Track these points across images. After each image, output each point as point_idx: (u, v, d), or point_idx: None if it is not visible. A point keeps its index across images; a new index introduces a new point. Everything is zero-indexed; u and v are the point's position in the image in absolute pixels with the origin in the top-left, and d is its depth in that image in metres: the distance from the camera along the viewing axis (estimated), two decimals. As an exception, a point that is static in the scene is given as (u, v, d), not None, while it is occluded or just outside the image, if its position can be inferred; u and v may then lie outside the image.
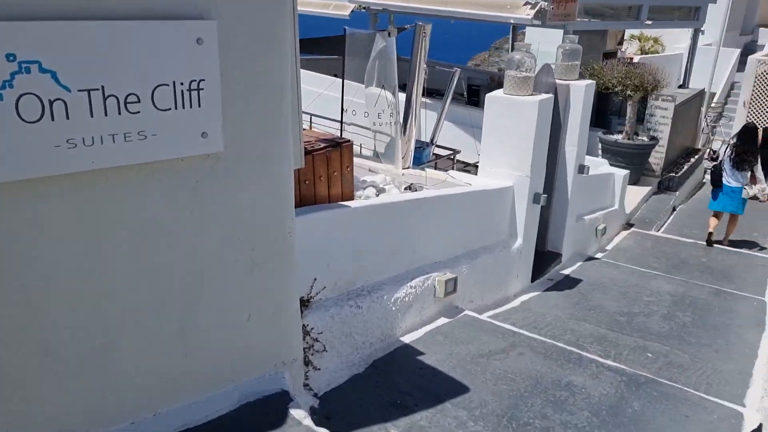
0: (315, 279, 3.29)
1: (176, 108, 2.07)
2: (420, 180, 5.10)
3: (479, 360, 3.73)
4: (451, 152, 10.50)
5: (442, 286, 4.18)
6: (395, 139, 5.41)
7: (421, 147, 7.79)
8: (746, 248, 8.24)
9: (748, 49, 18.37)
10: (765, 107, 15.03)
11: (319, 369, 3.08)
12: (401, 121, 5.59)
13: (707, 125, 13.24)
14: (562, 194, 6.25)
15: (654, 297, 5.68)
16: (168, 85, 2.03)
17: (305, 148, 3.40)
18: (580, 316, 5.12)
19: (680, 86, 11.65)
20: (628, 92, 9.20)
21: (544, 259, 6.16)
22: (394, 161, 5.23)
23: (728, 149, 7.97)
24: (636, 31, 17.32)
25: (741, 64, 17.81)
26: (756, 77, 15.03)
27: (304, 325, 3.05)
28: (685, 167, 10.54)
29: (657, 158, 9.96)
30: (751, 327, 5.19)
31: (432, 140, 9.37)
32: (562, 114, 5.97)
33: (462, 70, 10.74)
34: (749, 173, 7.79)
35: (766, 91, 14.98)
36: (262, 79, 2.30)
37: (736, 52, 17.52)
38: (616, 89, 9.20)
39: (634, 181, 9.65)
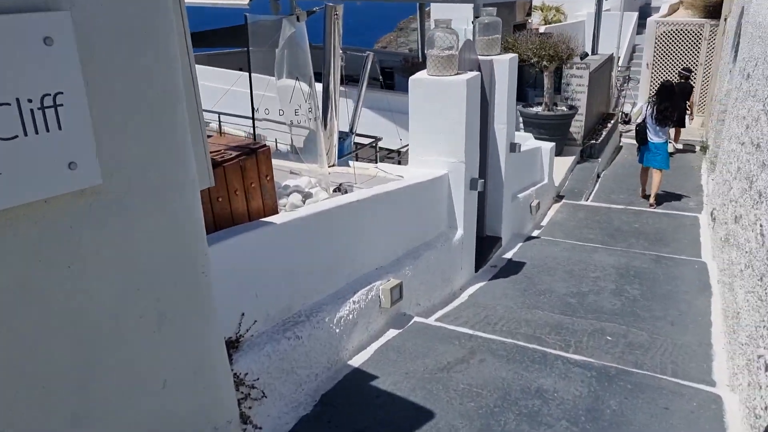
0: (243, 314, 2.79)
1: (25, 134, 1.52)
2: (348, 178, 4.65)
3: (439, 375, 3.35)
4: (373, 140, 10.09)
5: (387, 296, 3.77)
6: (316, 135, 4.92)
7: (341, 138, 7.33)
8: (674, 202, 8.35)
9: (644, 12, 18.97)
10: (667, 67, 15.51)
11: (260, 428, 2.59)
12: (320, 114, 5.09)
13: (617, 89, 13.47)
14: (496, 176, 5.97)
15: (599, 272, 5.51)
16: (8, 104, 1.48)
17: (214, 159, 2.88)
18: (532, 303, 4.86)
19: (582, 56, 11.71)
20: (544, 63, 9.08)
21: (484, 245, 5.87)
22: (317, 159, 4.74)
23: (649, 107, 8.28)
24: (537, 1, 17.49)
25: (639, 27, 18.39)
26: (656, 38, 15.48)
27: (235, 374, 2.55)
28: (604, 133, 10.61)
29: (577, 127, 9.94)
30: (697, 292, 5.10)
31: (351, 129, 8.91)
32: (488, 91, 5.66)
33: (374, 53, 10.33)
34: (671, 128, 8.17)
35: (666, 52, 15.46)
36: (145, 85, 1.77)
37: (635, 16, 18.01)
38: (532, 61, 9.06)
39: (557, 152, 9.56)
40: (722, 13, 12.97)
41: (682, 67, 12.62)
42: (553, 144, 7.94)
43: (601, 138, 10.40)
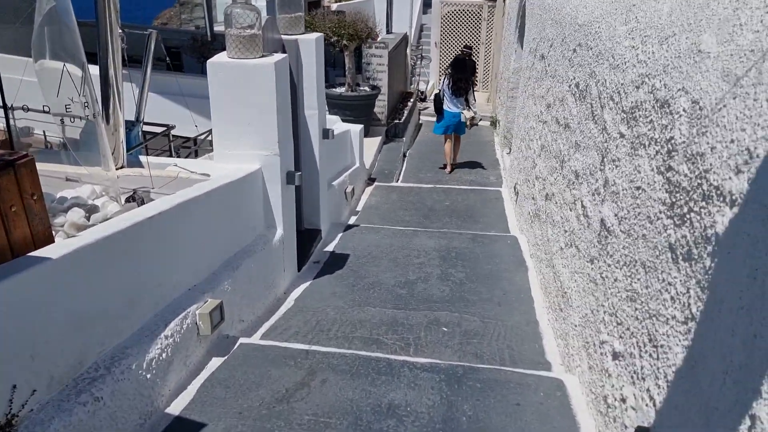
0: (14, 387, 2.08)
1: None
2: (143, 182, 3.91)
3: (279, 408, 2.91)
4: (165, 128, 9.10)
5: (206, 321, 3.21)
6: (97, 130, 4.07)
7: (127, 128, 6.39)
8: (476, 177, 8.73)
9: (427, -8, 19.81)
10: (454, 45, 16.34)
11: None
12: (100, 105, 4.23)
13: (412, 68, 13.83)
14: (311, 165, 5.59)
15: (423, 257, 5.45)
16: None
17: (-53, 182, 2.10)
18: (362, 299, 4.60)
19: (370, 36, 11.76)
20: (344, 42, 8.85)
21: (304, 239, 5.49)
22: (100, 161, 3.92)
23: (445, 79, 8.83)
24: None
25: (425, 7, 19.15)
26: (441, 18, 16.20)
27: (10, 478, 1.87)
28: (405, 112, 10.78)
29: (381, 107, 9.94)
30: (515, 269, 5.27)
31: (138, 118, 7.90)
32: (296, 75, 5.22)
33: (157, 31, 9.25)
34: (465, 99, 8.77)
35: (451, 31, 16.27)
36: None
37: (420, -5, 18.65)
38: (332, 40, 8.77)
39: (364, 133, 9.48)
40: (499, -5, 13.94)
41: (463, 45, 13.39)
42: (361, 126, 7.77)
43: (404, 117, 10.54)
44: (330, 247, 5.71)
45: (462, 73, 8.69)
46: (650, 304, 2.18)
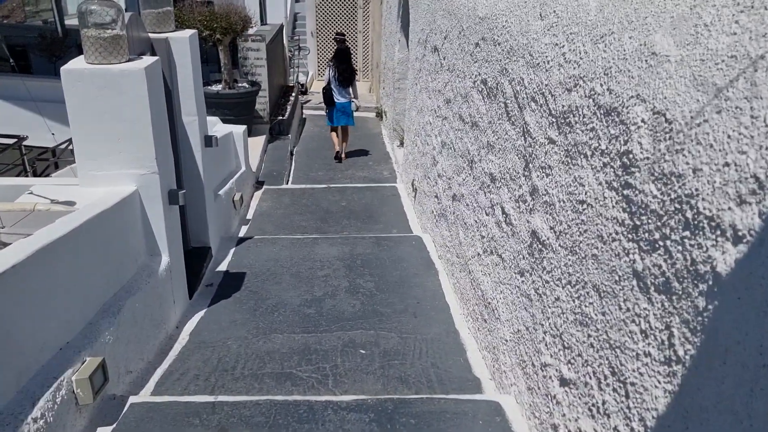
0: None
1: None
2: (-11, 219, 3.22)
3: (188, 486, 2.45)
4: (16, 140, 8.00)
5: (86, 387, 2.66)
6: None
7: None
8: (369, 172, 8.44)
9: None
10: (331, 34, 15.94)
11: None
12: None
13: (290, 59, 13.29)
14: (194, 177, 5.02)
15: (327, 268, 5.09)
16: None
17: None
18: (267, 325, 4.16)
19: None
20: (217, 36, 8.20)
21: (193, 260, 4.93)
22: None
23: (331, 71, 8.94)
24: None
25: (296, -4, 18.55)
26: (316, 7, 15.73)
27: None
28: (288, 108, 10.28)
29: (262, 104, 9.38)
30: (425, 272, 5.05)
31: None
32: (169, 78, 4.63)
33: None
34: (351, 88, 9.04)
35: (327, 19, 15.86)
36: None
37: (291, -16, 18.03)
38: (203, 34, 8.08)
39: (247, 133, 8.89)
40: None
41: (336, 32, 13.14)
42: (245, 127, 7.22)
43: (287, 113, 10.04)
44: (223, 266, 5.19)
45: (345, 64, 8.90)
46: (610, 333, 1.98)
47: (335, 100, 8.96)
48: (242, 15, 8.30)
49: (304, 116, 12.01)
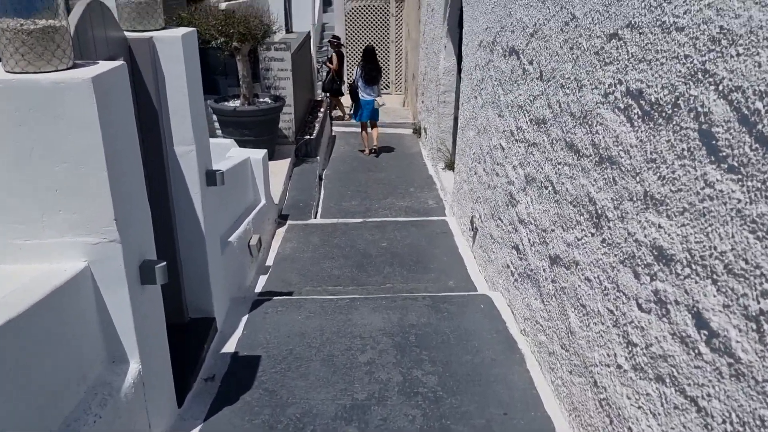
0: None
1: None
2: None
3: None
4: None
5: None
6: None
7: None
8: (411, 200, 7.02)
9: (326, -11, 18.01)
10: (361, 44, 14.64)
11: None
12: None
13: (319, 71, 11.99)
14: (191, 226, 3.67)
15: (371, 350, 3.67)
16: None
17: None
18: (287, 457, 2.76)
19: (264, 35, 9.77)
20: (234, 44, 6.90)
21: (188, 340, 3.58)
22: None
23: (358, 69, 9.22)
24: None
25: (324, 5, 17.35)
26: (346, 16, 14.46)
27: None
28: (317, 125, 8.94)
29: (287, 121, 8.05)
30: (505, 356, 3.61)
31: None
32: (154, 93, 3.28)
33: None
34: (377, 86, 9.28)
35: (357, 29, 14.57)
36: None
37: (319, -8, 16.83)
38: (218, 42, 6.80)
39: (269, 156, 7.57)
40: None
41: (332, 35, 12.09)
42: (265, 152, 5.87)
43: (315, 131, 8.70)
44: (231, 345, 3.80)
45: (372, 63, 9.15)
46: None
47: (360, 97, 9.13)
48: (263, 19, 6.99)
49: (333, 133, 10.67)
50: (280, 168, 7.42)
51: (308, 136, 8.37)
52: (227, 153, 5.72)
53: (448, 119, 7.89)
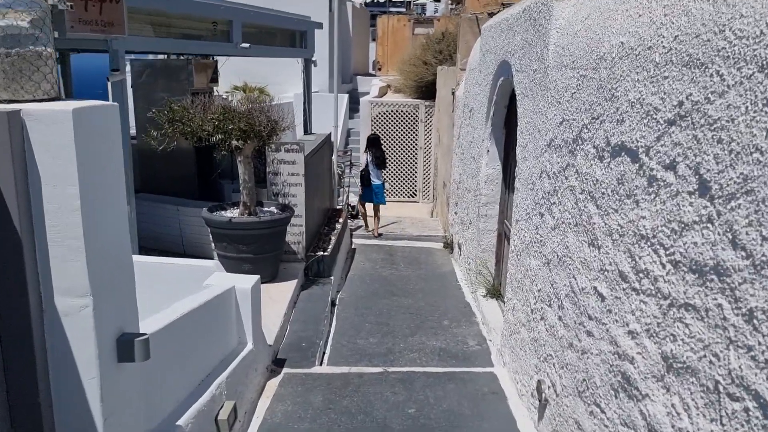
0: None
1: None
2: None
3: None
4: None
5: None
6: None
7: None
8: (446, 337, 5.32)
9: (353, 96, 17.33)
10: (387, 149, 13.56)
11: None
12: None
13: (340, 177, 10.76)
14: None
15: None
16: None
17: None
18: None
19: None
20: (234, 142, 5.61)
21: None
22: None
23: (369, 156, 9.80)
24: (239, 81, 14.40)
25: (351, 112, 16.58)
26: (372, 120, 13.50)
27: None
28: (333, 239, 7.49)
29: (296, 234, 6.61)
30: None
31: None
32: (13, 205, 1.82)
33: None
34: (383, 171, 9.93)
35: (384, 134, 13.53)
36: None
37: (345, 98, 16.12)
38: (215, 138, 5.51)
39: (269, 277, 6.07)
40: (439, 88, 11.34)
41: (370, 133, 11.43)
42: (256, 279, 4.33)
43: (330, 245, 7.22)
44: None
45: (380, 149, 9.98)
46: None
47: (372, 181, 9.74)
48: (270, 115, 5.74)
49: (353, 246, 9.20)
50: (282, 292, 5.87)
51: (322, 252, 6.88)
52: (206, 280, 4.21)
53: (490, 236, 6.37)
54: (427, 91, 13.36)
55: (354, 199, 11.53)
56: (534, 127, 4.05)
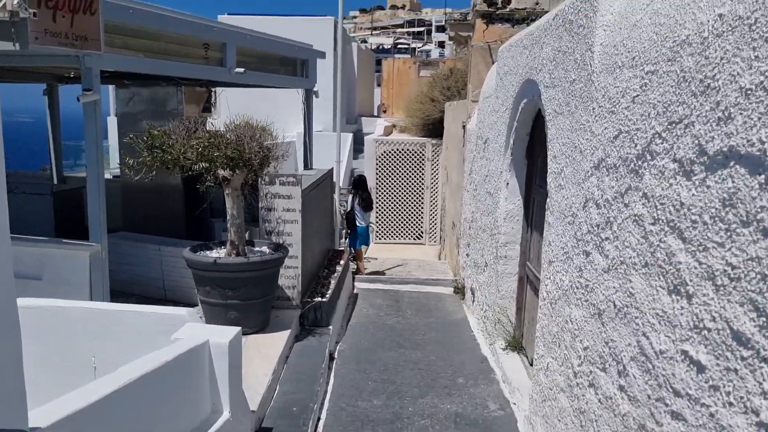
0: None
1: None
2: None
3: None
4: None
5: None
6: None
7: None
8: (462, 400, 4.47)
9: (357, 137, 16.80)
10: (392, 189, 12.89)
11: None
12: None
13: (343, 217, 10.04)
14: None
15: None
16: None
17: None
18: None
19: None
20: (221, 172, 4.91)
21: None
22: None
23: (354, 198, 9.39)
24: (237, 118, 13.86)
25: (355, 152, 16.02)
26: (377, 159, 12.88)
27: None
28: (332, 282, 6.71)
29: (291, 278, 5.84)
30: None
31: None
32: None
33: None
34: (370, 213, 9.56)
35: (389, 173, 12.89)
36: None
37: (350, 137, 15.60)
38: (199, 167, 4.80)
39: (258, 327, 5.28)
40: (447, 125, 10.73)
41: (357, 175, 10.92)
42: (236, 331, 3.52)
43: (329, 290, 6.44)
44: None
45: (366, 191, 9.50)
46: None
47: (358, 224, 9.25)
48: (262, 141, 5.05)
49: (355, 290, 8.41)
50: (273, 345, 5.07)
51: (320, 298, 6.09)
52: (175, 333, 3.43)
53: (510, 280, 5.59)
54: (434, 129, 12.80)
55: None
56: (573, 148, 3.33)
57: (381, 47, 47.78)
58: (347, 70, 19.68)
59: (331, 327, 5.97)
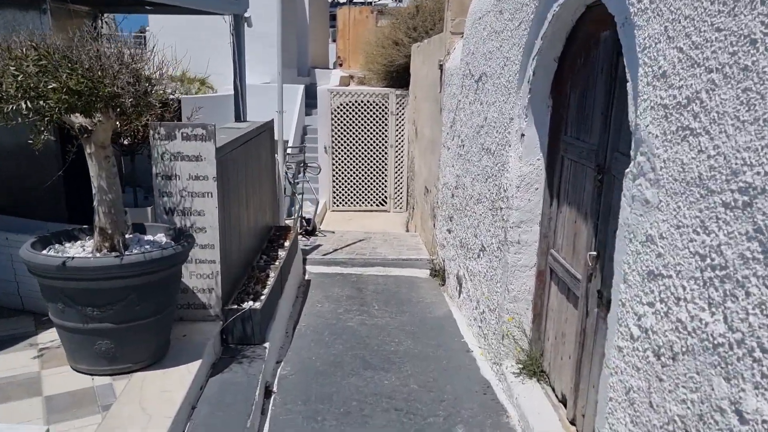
0: None
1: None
2: None
3: None
4: None
5: None
6: None
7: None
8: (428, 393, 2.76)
9: (310, 91, 14.65)
10: (351, 148, 10.96)
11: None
12: None
13: (293, 183, 8.10)
14: None
15: None
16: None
17: None
18: None
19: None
20: (72, 118, 2.93)
21: None
22: None
23: None
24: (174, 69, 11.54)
25: (307, 107, 13.93)
26: (333, 114, 10.86)
27: None
28: (271, 275, 4.83)
29: (206, 275, 3.93)
30: None
31: None
32: None
33: None
34: None
35: (347, 130, 10.92)
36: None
37: (301, 89, 13.48)
38: (24, 107, 2.80)
39: (148, 361, 3.39)
40: (415, 71, 8.78)
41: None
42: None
43: (268, 288, 4.55)
44: None
45: None
46: None
47: None
48: (137, 63, 3.05)
49: (307, 277, 6.55)
50: (172, 385, 3.19)
51: (251, 303, 4.21)
52: None
53: (525, 275, 3.84)
54: (398, 77, 10.82)
55: (309, 210, 8.92)
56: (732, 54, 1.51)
57: (335, 1, 44.85)
58: (299, 14, 17.36)
59: (267, 344, 4.12)
